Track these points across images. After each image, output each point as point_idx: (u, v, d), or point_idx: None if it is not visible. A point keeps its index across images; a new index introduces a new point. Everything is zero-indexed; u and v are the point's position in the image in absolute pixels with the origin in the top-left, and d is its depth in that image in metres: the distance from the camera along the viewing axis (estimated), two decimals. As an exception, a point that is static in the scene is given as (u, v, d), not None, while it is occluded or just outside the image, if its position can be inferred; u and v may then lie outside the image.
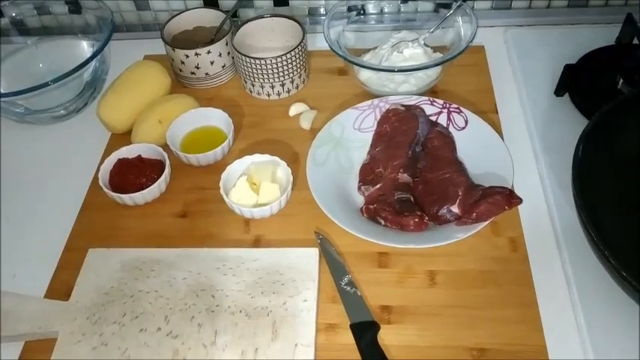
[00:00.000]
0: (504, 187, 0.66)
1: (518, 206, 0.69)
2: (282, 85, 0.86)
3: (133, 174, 0.74)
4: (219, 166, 0.75)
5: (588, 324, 0.60)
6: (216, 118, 0.81)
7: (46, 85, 0.79)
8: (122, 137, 0.83)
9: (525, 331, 0.60)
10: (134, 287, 0.66)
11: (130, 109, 0.82)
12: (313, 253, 0.67)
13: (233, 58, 0.89)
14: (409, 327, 0.62)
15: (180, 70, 0.89)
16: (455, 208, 0.67)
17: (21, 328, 0.63)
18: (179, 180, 0.78)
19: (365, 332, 0.60)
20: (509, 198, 0.65)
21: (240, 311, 0.63)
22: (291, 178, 0.72)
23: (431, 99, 0.79)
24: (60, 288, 0.68)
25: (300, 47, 0.84)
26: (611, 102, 0.67)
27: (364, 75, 0.84)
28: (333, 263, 0.67)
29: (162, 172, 0.75)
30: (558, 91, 0.83)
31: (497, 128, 0.78)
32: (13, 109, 0.86)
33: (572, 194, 0.62)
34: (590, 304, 0.61)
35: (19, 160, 0.85)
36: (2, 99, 0.82)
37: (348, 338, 0.61)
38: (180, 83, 0.92)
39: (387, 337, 0.61)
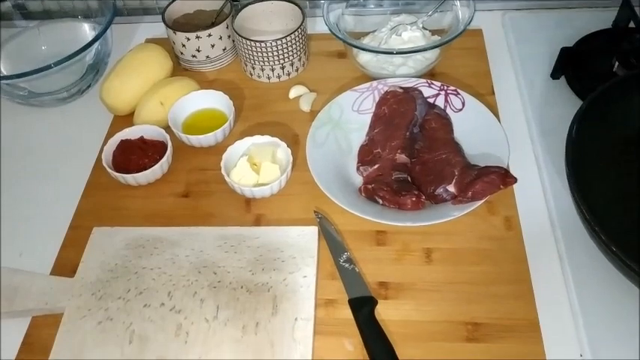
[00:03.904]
0: (500, 167, 0.67)
1: (514, 187, 0.70)
2: (282, 68, 0.87)
3: (135, 155, 0.76)
4: (220, 148, 0.77)
5: (580, 299, 0.61)
6: (217, 100, 0.82)
7: (48, 67, 0.80)
8: (125, 119, 0.84)
9: (519, 306, 0.62)
10: (138, 264, 0.67)
11: (132, 92, 0.83)
12: (313, 231, 0.69)
13: (234, 41, 0.90)
14: (406, 302, 0.63)
15: (182, 54, 0.90)
16: (451, 188, 0.68)
17: (29, 304, 0.65)
18: (181, 161, 0.79)
19: (363, 307, 0.62)
20: (504, 177, 0.66)
21: (242, 287, 0.64)
22: (291, 159, 0.74)
23: (429, 81, 0.80)
24: (65, 265, 0.70)
25: (299, 30, 0.85)
26: (606, 83, 0.69)
27: (363, 58, 0.85)
28: (332, 241, 0.68)
29: (165, 153, 0.76)
30: (554, 74, 0.84)
31: (494, 110, 0.79)
32: (17, 92, 0.87)
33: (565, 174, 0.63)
34: (582, 280, 0.63)
35: (23, 141, 0.86)
36: (5, 81, 0.83)
37: (347, 313, 0.63)
38: (182, 66, 0.93)
39: (384, 311, 0.62)
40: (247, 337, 0.61)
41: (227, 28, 0.89)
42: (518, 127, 0.80)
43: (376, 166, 0.72)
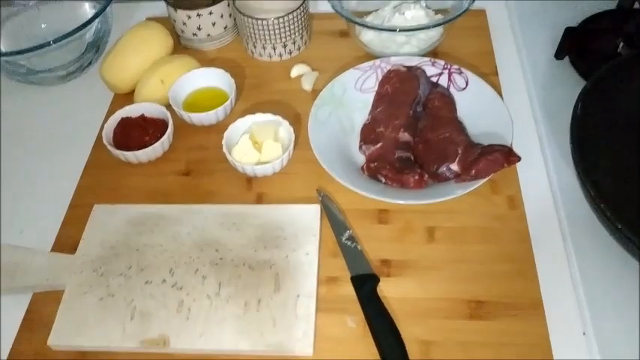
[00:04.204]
0: (503, 145, 0.67)
1: (517, 166, 0.70)
2: (284, 47, 0.86)
3: (136, 132, 0.75)
4: (221, 127, 0.76)
5: (583, 278, 0.61)
6: (218, 78, 0.82)
7: (47, 44, 0.80)
8: (125, 98, 0.83)
9: (522, 284, 0.62)
10: (139, 241, 0.67)
11: (132, 70, 0.82)
12: (315, 209, 0.68)
13: (235, 19, 0.89)
14: (408, 280, 0.63)
15: (182, 32, 0.89)
16: (454, 166, 0.68)
17: (29, 280, 0.65)
18: (181, 140, 0.79)
19: (365, 284, 0.62)
20: (507, 156, 0.66)
21: (244, 264, 0.64)
22: (293, 137, 0.73)
23: (432, 60, 0.79)
24: (66, 243, 0.69)
25: (301, 8, 0.84)
26: (611, 62, 0.68)
27: (366, 36, 0.85)
28: (334, 219, 0.68)
29: (165, 130, 0.75)
30: (558, 55, 0.83)
31: (498, 91, 0.78)
32: (16, 70, 0.86)
33: (570, 154, 0.63)
34: (585, 259, 0.63)
35: (23, 119, 0.86)
36: (4, 58, 0.82)
37: (349, 290, 0.62)
38: (182, 45, 0.92)
39: (386, 289, 0.62)
40: (249, 313, 0.60)
41: (228, 6, 0.88)
42: (522, 108, 0.79)
43: (379, 145, 0.72)
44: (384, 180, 0.69)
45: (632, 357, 0.56)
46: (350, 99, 0.78)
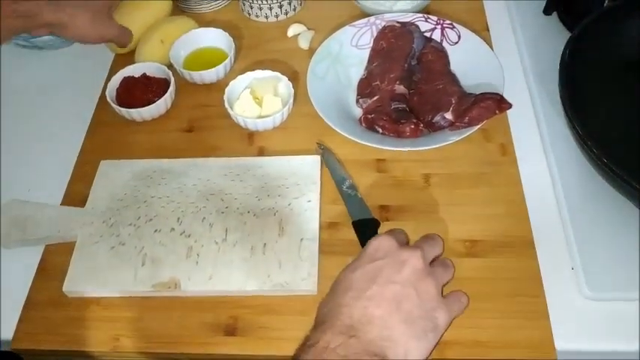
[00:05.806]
0: (495, 93, 0.70)
1: (508, 116, 0.73)
2: (280, 7, 0.88)
3: (139, 90, 0.77)
4: (221, 85, 0.78)
5: (572, 217, 0.64)
6: (217, 38, 0.84)
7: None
8: (125, 58, 0.84)
9: (514, 224, 0.65)
10: (147, 194, 0.70)
11: (132, 30, 0.83)
12: (315, 159, 0.71)
13: (230, -20, 0.91)
14: (407, 223, 0.66)
15: (180, -6, 0.91)
16: (448, 115, 0.71)
17: (41, 232, 0.67)
18: (183, 98, 0.81)
19: (366, 228, 0.65)
20: (499, 103, 0.69)
21: (248, 212, 0.67)
22: (292, 92, 0.75)
23: (425, 16, 0.81)
24: (74, 198, 0.71)
25: (296, -32, 0.86)
26: (599, 10, 0.71)
27: (361, -5, 0.86)
28: (334, 169, 0.70)
29: (168, 88, 0.77)
30: (547, 10, 0.86)
31: (488, 46, 0.81)
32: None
33: (558, 104, 0.65)
34: (573, 198, 0.66)
35: (25, 82, 0.87)
36: None
37: (349, 234, 0.65)
38: (180, 8, 0.93)
39: (386, 232, 0.65)
40: (256, 256, 0.63)
41: (224, -33, 0.89)
42: (512, 63, 0.81)
43: (375, 98, 0.74)
44: (381, 130, 0.72)
45: (616, 288, 0.60)
46: (346, 55, 0.80)
